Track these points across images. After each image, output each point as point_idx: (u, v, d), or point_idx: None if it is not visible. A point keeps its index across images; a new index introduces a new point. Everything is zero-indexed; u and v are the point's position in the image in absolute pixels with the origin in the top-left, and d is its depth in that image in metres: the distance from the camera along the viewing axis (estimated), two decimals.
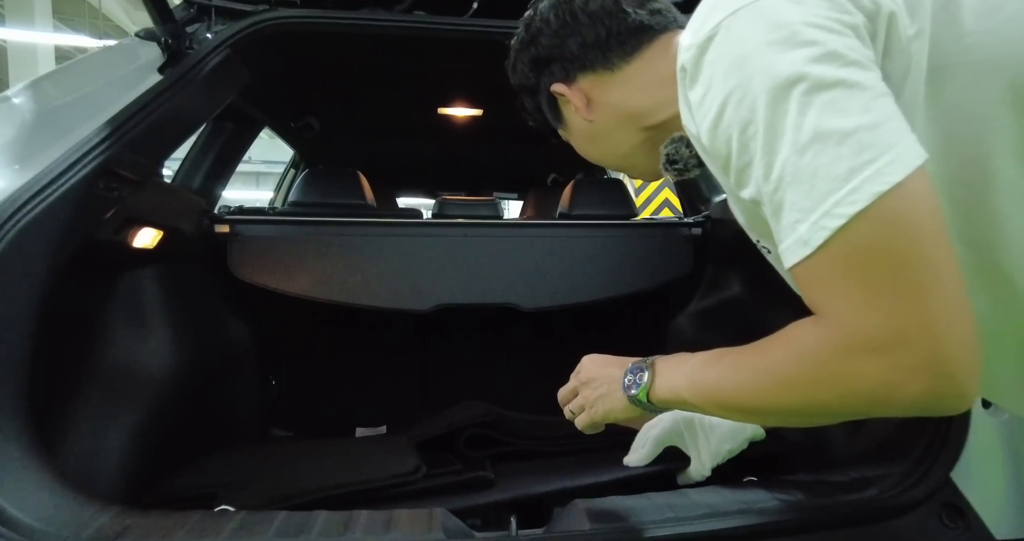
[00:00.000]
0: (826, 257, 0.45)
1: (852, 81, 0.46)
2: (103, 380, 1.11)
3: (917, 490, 0.80)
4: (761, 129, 0.47)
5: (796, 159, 0.46)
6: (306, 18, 1.30)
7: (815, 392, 0.49)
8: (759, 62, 0.48)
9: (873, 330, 0.44)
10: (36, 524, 0.70)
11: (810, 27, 0.47)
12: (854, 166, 0.44)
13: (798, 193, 0.46)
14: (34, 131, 0.98)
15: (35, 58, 8.56)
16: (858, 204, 0.43)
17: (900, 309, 0.43)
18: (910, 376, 0.43)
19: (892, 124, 0.45)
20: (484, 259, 1.64)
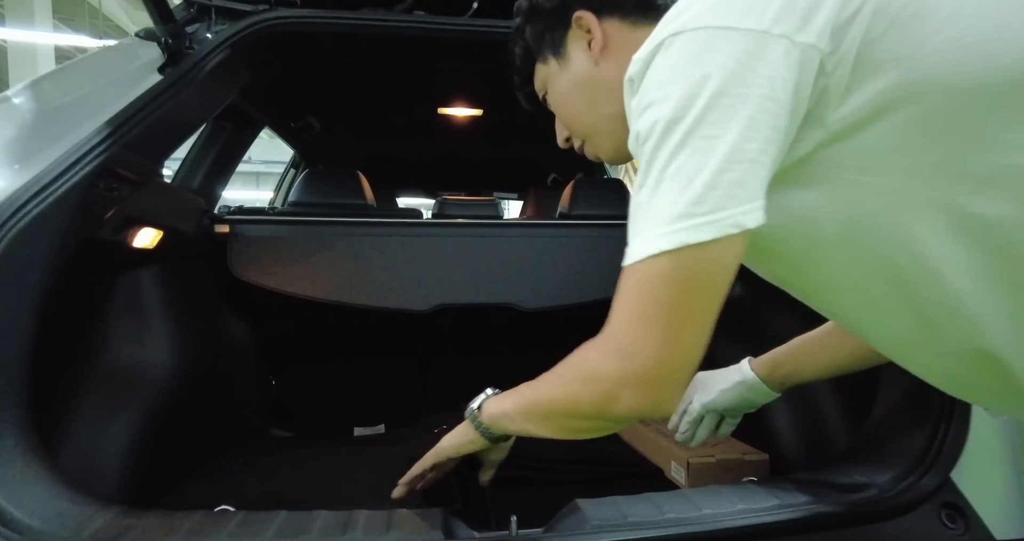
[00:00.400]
0: (635, 274, 0.53)
1: (731, 138, 0.49)
2: (103, 380, 1.11)
3: (917, 490, 0.80)
4: (650, 146, 0.53)
5: (655, 185, 0.52)
6: (306, 18, 1.30)
7: (575, 389, 0.60)
8: (675, 90, 0.51)
9: (623, 346, 0.54)
10: (36, 524, 0.70)
11: (730, 73, 0.50)
12: (684, 213, 0.49)
13: (643, 212, 0.53)
14: (34, 131, 0.98)
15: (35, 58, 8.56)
16: (671, 244, 0.50)
17: (656, 342, 0.52)
18: (632, 392, 0.54)
19: (737, 191, 0.49)
20: (484, 259, 1.64)
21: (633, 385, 0.54)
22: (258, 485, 1.22)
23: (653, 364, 0.53)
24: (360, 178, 1.94)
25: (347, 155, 2.95)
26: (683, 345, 0.53)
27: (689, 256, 0.50)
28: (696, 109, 0.50)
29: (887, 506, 0.79)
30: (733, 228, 0.49)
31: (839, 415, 1.15)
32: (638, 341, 0.53)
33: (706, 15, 0.52)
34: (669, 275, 0.51)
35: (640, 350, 0.53)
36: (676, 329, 0.52)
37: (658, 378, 0.53)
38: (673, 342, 0.52)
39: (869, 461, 0.88)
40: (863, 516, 0.79)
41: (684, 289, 0.51)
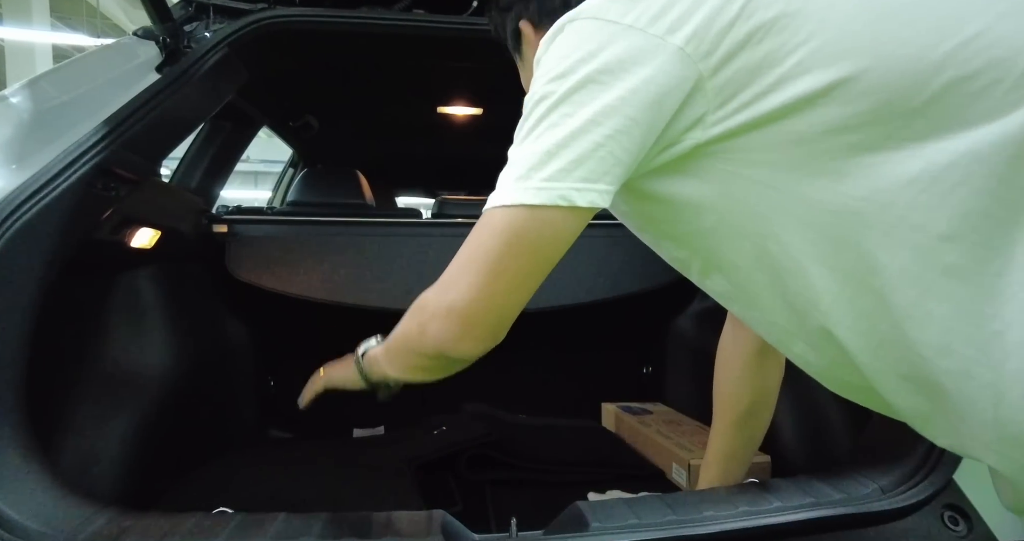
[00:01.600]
0: (478, 221, 0.59)
1: (582, 118, 0.53)
2: (100, 381, 1.10)
3: (920, 492, 0.80)
4: (524, 114, 0.58)
5: (515, 147, 0.58)
6: (305, 17, 1.30)
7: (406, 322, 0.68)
8: (548, 68, 0.57)
9: (446, 280, 0.60)
10: (34, 526, 0.70)
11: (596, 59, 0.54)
12: (520, 177, 0.55)
13: (503, 170, 0.58)
14: (31, 130, 0.97)
15: (32, 57, 8.55)
16: (496, 203, 0.56)
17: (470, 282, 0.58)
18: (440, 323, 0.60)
19: (571, 169, 0.54)
20: None
21: (442, 316, 0.60)
22: (257, 486, 1.21)
23: (461, 300, 0.58)
24: (359, 177, 1.94)
25: (346, 154, 2.94)
26: (493, 290, 0.58)
27: (519, 215, 0.55)
28: (563, 88, 0.55)
29: (890, 508, 0.79)
30: (561, 200, 0.54)
31: (841, 417, 1.15)
32: (457, 278, 0.59)
33: (599, 7, 0.57)
34: (498, 227, 0.56)
35: (455, 286, 0.59)
36: (491, 276, 0.57)
37: (463, 313, 0.59)
38: (485, 285, 0.57)
39: (871, 463, 0.88)
40: (865, 518, 0.78)
41: (506, 242, 0.56)
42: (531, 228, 0.55)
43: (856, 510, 0.79)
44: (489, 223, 0.57)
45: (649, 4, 0.55)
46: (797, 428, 1.26)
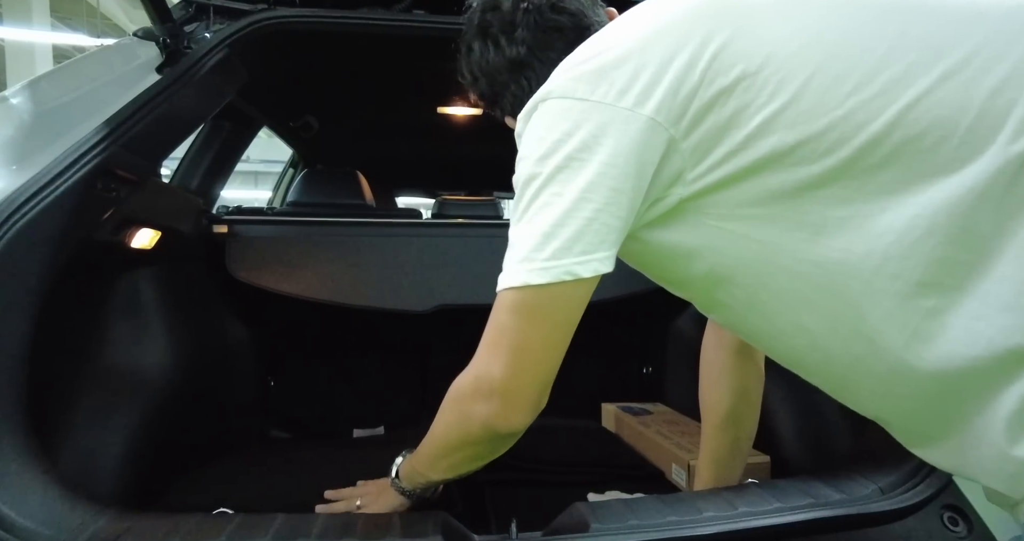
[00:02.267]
0: (494, 304, 0.63)
1: (570, 197, 0.57)
2: (101, 381, 1.10)
3: (919, 492, 0.80)
4: (516, 196, 0.62)
5: (513, 228, 0.61)
6: (305, 17, 1.30)
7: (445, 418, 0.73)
8: (526, 152, 0.61)
9: (480, 364, 0.64)
10: (33, 527, 0.70)
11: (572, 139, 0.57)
12: (525, 258, 0.58)
13: (508, 249, 0.62)
14: (32, 131, 0.97)
15: (33, 57, 8.55)
16: (509, 283, 0.60)
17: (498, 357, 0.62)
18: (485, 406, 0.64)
19: (571, 244, 0.57)
20: (484, 259, 1.64)
21: (485, 398, 0.64)
22: (257, 487, 1.21)
23: (499, 378, 0.62)
24: (359, 178, 1.94)
25: (346, 155, 2.94)
26: (526, 366, 0.62)
27: (529, 294, 0.59)
28: (547, 169, 0.58)
29: (889, 508, 0.79)
30: (566, 275, 0.57)
31: (841, 417, 1.15)
32: (489, 360, 0.63)
33: (567, 86, 0.59)
34: (513, 307, 0.61)
35: (489, 368, 0.63)
36: (520, 351, 0.62)
37: (505, 390, 0.63)
38: (517, 361, 0.62)
39: (871, 463, 0.88)
40: (865, 518, 0.78)
41: (525, 319, 0.61)
42: (543, 303, 0.60)
43: (856, 511, 0.79)
44: (504, 305, 0.61)
45: (614, 79, 0.57)
46: (797, 428, 1.26)
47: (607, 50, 0.59)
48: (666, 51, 0.57)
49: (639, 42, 0.59)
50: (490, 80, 0.84)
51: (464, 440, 0.71)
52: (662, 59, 0.57)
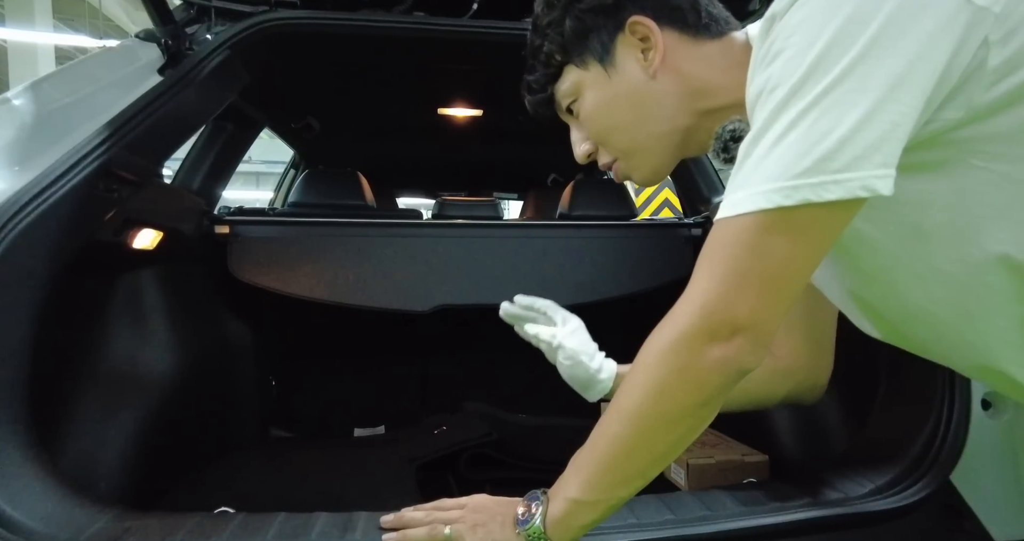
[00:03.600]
0: (735, 226, 0.50)
1: (878, 94, 0.45)
2: (103, 381, 1.11)
3: (916, 492, 0.80)
4: (784, 91, 0.48)
5: (781, 133, 0.47)
6: (306, 19, 1.30)
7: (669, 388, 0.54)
8: (826, 34, 0.46)
9: (712, 301, 0.51)
10: (35, 526, 0.70)
11: (892, 24, 0.45)
12: (810, 168, 0.46)
13: (757, 163, 0.49)
14: (34, 133, 0.98)
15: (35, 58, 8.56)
16: (790, 200, 0.47)
17: (753, 297, 0.50)
18: (745, 353, 0.52)
19: (871, 152, 0.46)
20: (484, 260, 1.64)
21: (724, 341, 0.51)
22: (258, 486, 1.22)
23: (747, 316, 0.50)
24: (360, 179, 1.94)
25: (347, 155, 2.94)
26: (781, 296, 0.51)
27: (806, 214, 0.47)
28: (846, 58, 0.45)
29: (887, 508, 0.79)
30: (862, 191, 0.46)
31: (839, 417, 1.15)
32: (730, 296, 0.50)
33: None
34: (777, 231, 0.48)
35: (731, 306, 0.50)
36: (775, 281, 0.50)
37: (753, 328, 0.51)
38: (770, 293, 0.50)
39: (868, 463, 0.88)
40: (862, 518, 0.78)
41: (789, 246, 0.48)
42: (819, 227, 0.48)
43: (853, 510, 0.79)
44: (760, 228, 0.48)
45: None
46: (795, 428, 1.26)
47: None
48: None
49: None
50: (584, 10, 0.69)
51: (696, 400, 0.55)
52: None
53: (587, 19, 0.69)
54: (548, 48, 0.72)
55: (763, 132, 0.49)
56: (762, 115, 0.49)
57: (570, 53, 0.71)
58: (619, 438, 0.58)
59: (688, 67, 0.68)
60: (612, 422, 0.58)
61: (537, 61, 0.75)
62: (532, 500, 0.65)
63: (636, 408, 0.56)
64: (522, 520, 0.63)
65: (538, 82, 0.75)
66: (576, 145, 0.77)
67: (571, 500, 0.61)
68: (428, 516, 0.70)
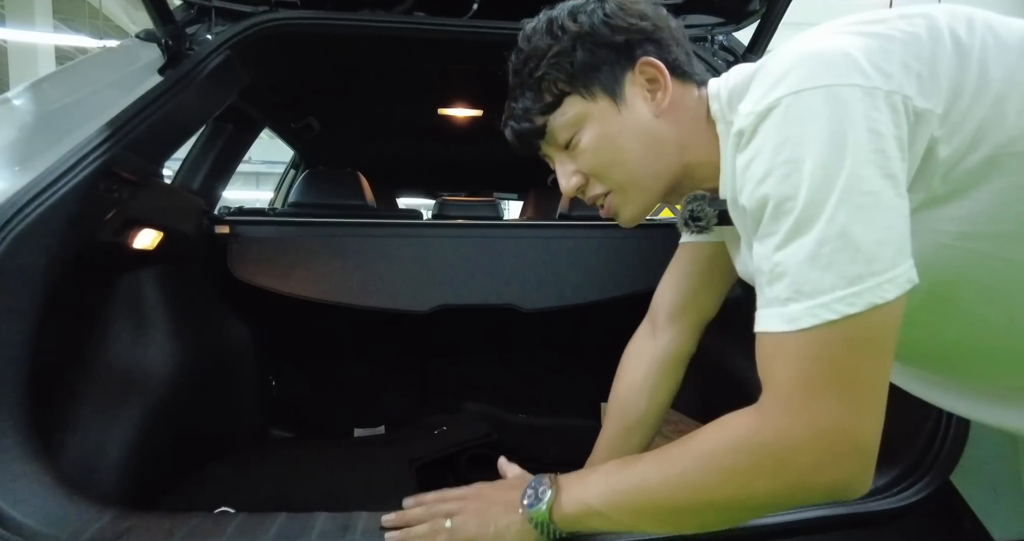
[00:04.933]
0: (805, 340, 0.50)
1: (885, 194, 0.49)
2: (103, 381, 1.11)
3: (917, 492, 0.80)
4: (798, 209, 0.50)
5: (816, 248, 0.49)
6: (306, 19, 1.30)
7: (751, 480, 0.53)
8: (813, 150, 0.50)
9: (818, 418, 0.49)
10: (36, 526, 0.70)
11: (867, 131, 0.49)
12: (863, 274, 0.48)
13: (803, 277, 0.50)
14: (35, 133, 0.98)
15: (35, 58, 8.55)
16: (855, 307, 0.48)
17: (846, 405, 0.49)
18: (840, 463, 0.50)
19: (902, 245, 0.49)
20: (484, 260, 1.64)
21: (836, 463, 0.50)
22: (258, 486, 1.22)
23: (866, 437, 0.50)
24: (360, 179, 1.94)
25: (347, 156, 2.95)
26: (879, 410, 0.50)
27: (875, 315, 0.48)
28: (848, 166, 0.48)
29: (887, 508, 0.79)
30: (908, 284, 0.49)
31: None
32: (844, 414, 0.49)
33: (819, 73, 0.51)
34: (854, 338, 0.49)
35: (851, 426, 0.49)
36: (875, 394, 0.50)
37: (869, 450, 0.50)
38: (876, 409, 0.50)
39: None
40: (862, 518, 0.78)
41: (866, 350, 0.49)
42: (884, 324, 0.49)
43: (853, 510, 0.79)
44: (832, 339, 0.49)
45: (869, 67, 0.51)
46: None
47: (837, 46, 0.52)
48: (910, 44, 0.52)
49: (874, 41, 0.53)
50: (658, 22, 0.71)
51: (756, 498, 0.53)
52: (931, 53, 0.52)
53: (599, 53, 0.70)
54: (552, 76, 0.71)
55: (790, 245, 0.50)
56: (782, 228, 0.51)
57: (576, 84, 0.71)
58: (649, 503, 0.58)
59: (683, 113, 0.71)
60: (652, 481, 0.58)
61: (531, 89, 0.73)
62: (538, 485, 0.66)
63: (679, 488, 0.56)
64: (527, 504, 0.64)
65: (531, 111, 0.74)
66: (567, 178, 0.76)
67: (589, 507, 0.62)
68: (428, 510, 0.70)
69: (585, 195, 0.77)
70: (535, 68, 0.72)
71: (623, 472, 0.61)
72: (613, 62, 0.70)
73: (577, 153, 0.74)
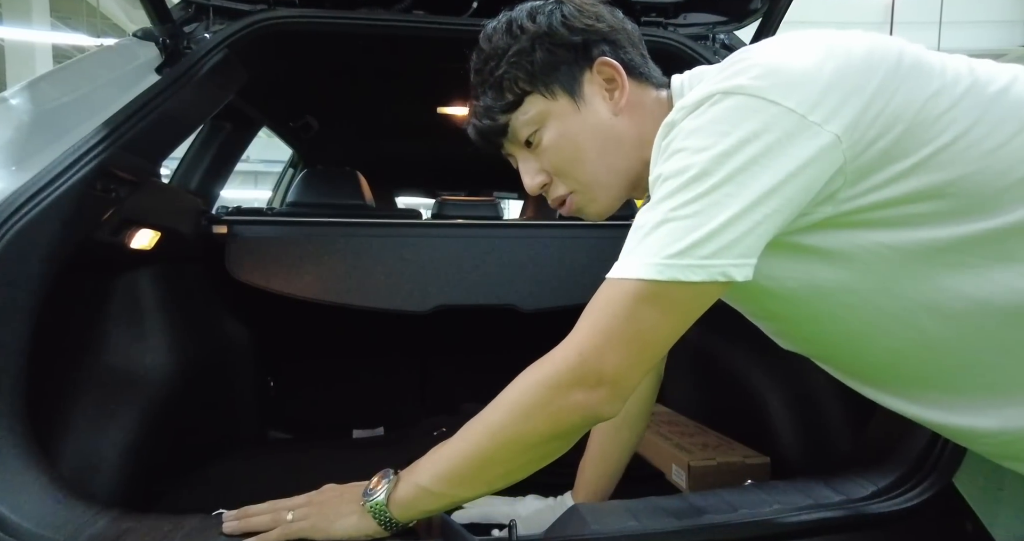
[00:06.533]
0: (613, 289, 0.59)
1: (745, 199, 0.55)
2: (100, 382, 1.10)
3: (919, 494, 0.80)
4: (673, 184, 0.57)
5: (661, 217, 0.57)
6: (305, 18, 1.30)
7: (531, 411, 0.62)
8: (700, 143, 0.56)
9: (587, 351, 0.60)
10: (34, 528, 0.70)
11: (759, 142, 0.55)
12: (682, 251, 0.55)
13: (640, 235, 0.58)
14: (32, 132, 0.97)
15: (32, 56, 8.54)
16: (657, 275, 0.56)
17: (620, 356, 0.59)
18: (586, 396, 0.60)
19: (737, 244, 0.55)
20: (484, 260, 1.64)
21: (589, 388, 0.60)
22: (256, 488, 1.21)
23: (612, 370, 0.59)
24: (359, 178, 1.94)
25: (346, 155, 2.94)
26: (644, 357, 0.60)
27: (673, 290, 0.56)
28: (727, 168, 0.55)
29: (889, 510, 0.79)
30: (720, 276, 0.55)
31: (841, 418, 1.15)
32: (602, 350, 0.59)
33: (757, 84, 0.56)
34: (648, 300, 0.57)
35: (602, 359, 0.59)
36: (643, 345, 0.59)
37: (616, 382, 0.60)
38: (636, 354, 0.59)
39: (870, 465, 0.88)
40: (864, 520, 0.78)
41: (660, 314, 0.58)
42: (685, 300, 0.57)
43: (855, 513, 0.79)
44: (635, 295, 0.57)
45: (808, 90, 0.56)
46: (796, 430, 1.26)
47: (793, 63, 0.57)
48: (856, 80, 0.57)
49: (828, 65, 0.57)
50: (613, 24, 0.75)
51: (552, 432, 0.62)
52: (853, 85, 0.56)
53: (558, 53, 0.72)
54: (512, 75, 0.73)
55: (653, 207, 0.58)
56: (655, 198, 0.58)
57: (537, 83, 0.73)
58: (479, 448, 0.64)
59: (641, 111, 0.74)
60: (477, 432, 0.65)
61: (493, 88, 0.75)
62: (384, 477, 0.72)
63: (500, 427, 0.63)
64: (367, 492, 0.71)
65: (493, 109, 0.76)
66: (531, 175, 0.78)
67: (420, 487, 0.68)
68: (272, 505, 0.73)
69: (548, 195, 0.79)
70: (496, 67, 0.74)
71: (444, 447, 0.67)
72: (571, 62, 0.73)
73: (539, 151, 0.76)
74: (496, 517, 1.03)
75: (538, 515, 0.99)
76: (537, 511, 1.01)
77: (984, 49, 9.54)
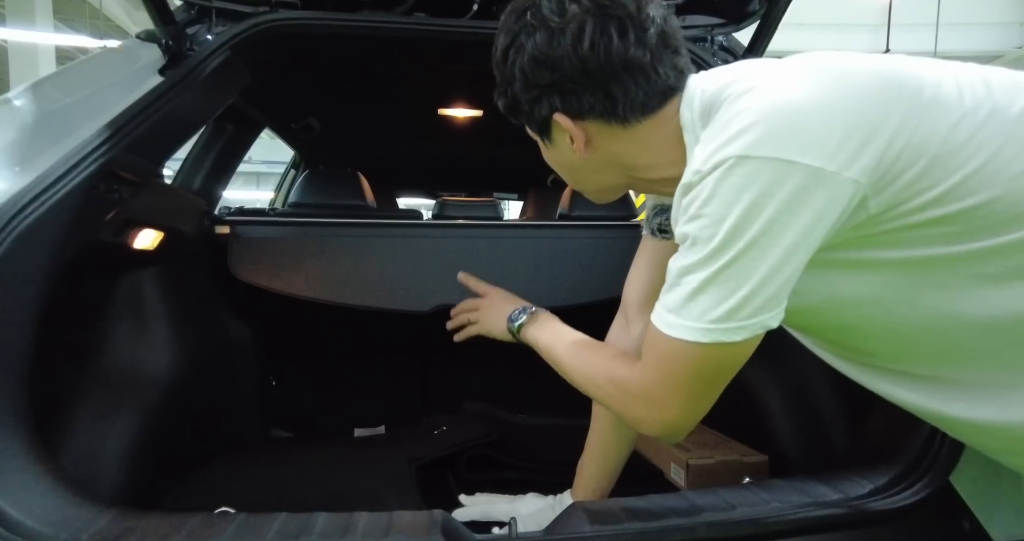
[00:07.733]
0: (668, 345, 0.64)
1: (771, 261, 0.58)
2: (104, 382, 1.11)
3: (916, 492, 0.80)
4: (707, 251, 0.60)
5: (702, 285, 0.61)
6: (307, 20, 1.30)
7: (600, 396, 0.77)
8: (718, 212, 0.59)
9: (655, 396, 0.68)
10: (36, 526, 0.70)
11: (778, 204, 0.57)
12: (723, 316, 0.60)
13: (686, 300, 0.62)
14: (35, 133, 0.98)
15: (36, 58, 8.56)
16: (704, 339, 0.61)
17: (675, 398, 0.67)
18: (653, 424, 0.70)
19: (771, 300, 0.60)
20: (484, 260, 1.64)
21: (654, 423, 0.70)
22: (258, 486, 1.22)
23: (672, 417, 0.68)
24: (360, 179, 1.95)
25: (347, 156, 2.95)
26: (699, 409, 0.69)
27: (720, 350, 0.62)
28: (749, 234, 0.58)
29: (887, 508, 0.79)
30: (760, 329, 0.61)
31: (838, 417, 1.15)
32: (667, 400, 0.67)
33: (771, 143, 0.57)
34: (699, 359, 0.63)
35: (664, 409, 0.68)
36: (697, 396, 0.67)
37: (673, 426, 0.70)
38: (693, 405, 0.68)
39: (868, 463, 0.88)
40: (862, 518, 0.79)
41: (710, 370, 0.64)
42: (730, 356, 0.64)
43: (853, 510, 0.79)
44: (686, 355, 0.63)
45: (825, 140, 0.56)
46: (794, 428, 1.26)
47: (805, 108, 0.57)
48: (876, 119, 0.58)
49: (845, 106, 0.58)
50: (571, 74, 0.69)
51: (605, 403, 0.77)
52: (874, 125, 0.57)
53: (522, 102, 0.75)
54: (503, 102, 0.79)
55: (689, 273, 0.62)
56: (689, 259, 0.62)
57: (517, 117, 0.79)
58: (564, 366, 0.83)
59: (617, 148, 0.75)
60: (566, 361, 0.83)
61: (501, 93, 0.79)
62: (524, 310, 0.96)
63: (574, 375, 0.81)
64: (511, 318, 0.96)
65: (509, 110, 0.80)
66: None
67: (536, 340, 0.91)
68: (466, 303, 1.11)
69: None
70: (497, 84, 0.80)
71: (560, 340, 0.86)
72: (529, 112, 0.76)
73: None
74: (496, 515, 1.04)
75: (538, 513, 1.00)
76: (537, 509, 1.02)
77: (981, 51, 9.52)
